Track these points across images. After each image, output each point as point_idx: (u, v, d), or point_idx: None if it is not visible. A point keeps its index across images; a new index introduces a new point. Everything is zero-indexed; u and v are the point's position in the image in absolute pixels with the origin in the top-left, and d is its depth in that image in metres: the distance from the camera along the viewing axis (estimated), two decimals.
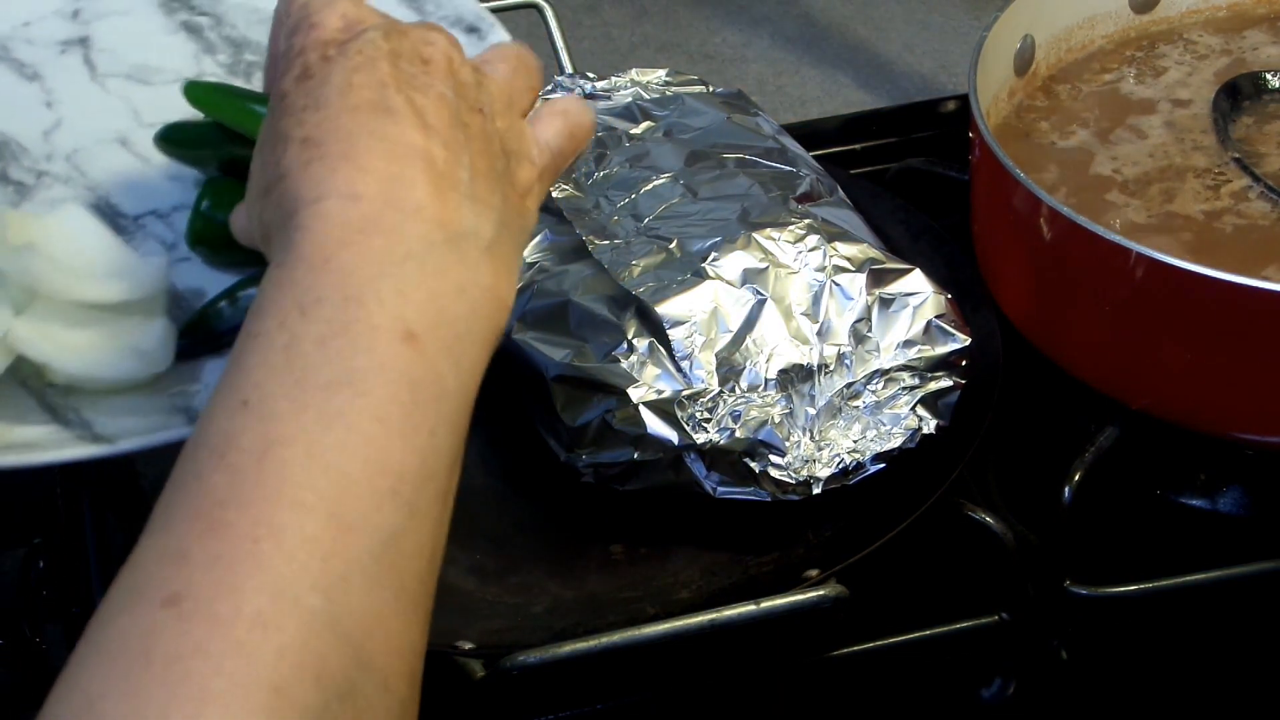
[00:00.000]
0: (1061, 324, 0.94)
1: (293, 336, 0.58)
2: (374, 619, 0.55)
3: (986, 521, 0.90)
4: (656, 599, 0.86)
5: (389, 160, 0.62)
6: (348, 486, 0.56)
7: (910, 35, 1.34)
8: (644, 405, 0.88)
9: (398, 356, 0.58)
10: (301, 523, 0.54)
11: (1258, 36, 1.08)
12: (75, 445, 0.75)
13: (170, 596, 0.53)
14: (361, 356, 0.58)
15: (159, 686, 0.51)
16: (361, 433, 0.57)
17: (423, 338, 0.59)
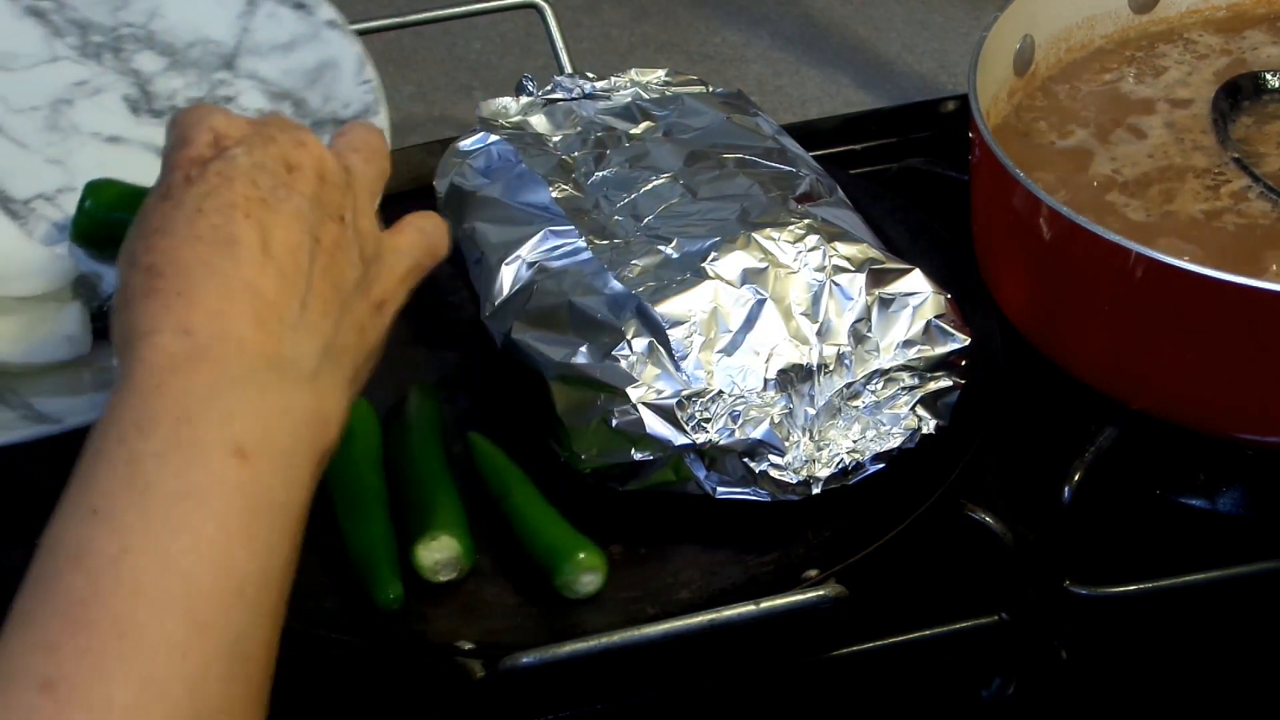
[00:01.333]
0: (1061, 324, 0.94)
1: (133, 453, 0.62)
2: (229, 712, 0.60)
3: (986, 521, 0.90)
4: (656, 599, 0.86)
5: (219, 296, 0.66)
6: (199, 589, 0.60)
7: (910, 35, 1.33)
8: (643, 405, 0.88)
9: (231, 471, 0.63)
10: (160, 621, 0.59)
11: (1258, 36, 1.08)
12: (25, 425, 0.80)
13: (45, 682, 0.57)
14: (198, 471, 0.62)
15: None
16: (207, 540, 0.61)
17: (252, 455, 0.63)
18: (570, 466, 0.90)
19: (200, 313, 0.66)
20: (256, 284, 0.67)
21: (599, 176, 0.99)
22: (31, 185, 0.93)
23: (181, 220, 0.69)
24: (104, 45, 0.98)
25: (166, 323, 0.66)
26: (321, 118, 0.98)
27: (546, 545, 0.87)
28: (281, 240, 0.69)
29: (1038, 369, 0.96)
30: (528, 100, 1.07)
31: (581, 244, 0.94)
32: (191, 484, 0.62)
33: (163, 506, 0.61)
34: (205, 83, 1.00)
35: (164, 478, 0.62)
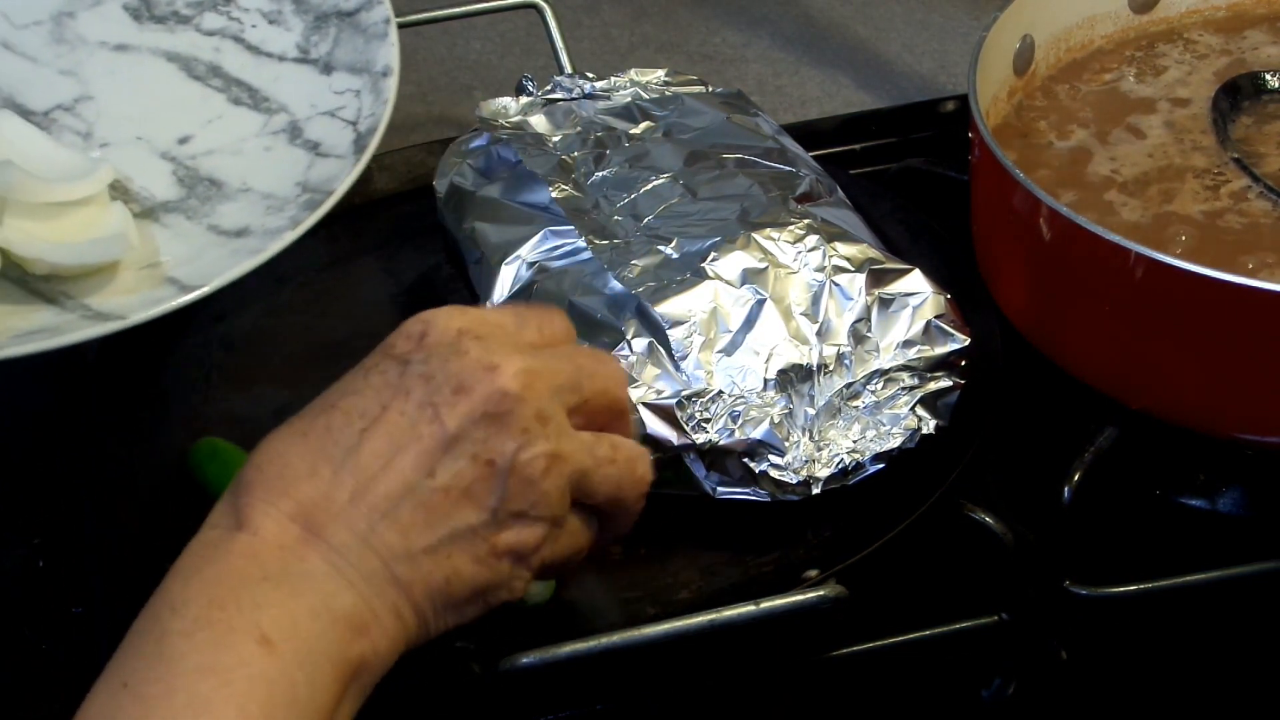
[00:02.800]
0: (1061, 324, 0.94)
1: (164, 630, 0.64)
2: None
3: (986, 521, 0.90)
4: (656, 599, 0.86)
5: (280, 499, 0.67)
6: None
7: (910, 35, 1.33)
8: (643, 405, 0.88)
9: (255, 656, 0.63)
10: None
11: (1258, 36, 1.08)
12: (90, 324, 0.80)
13: None
14: (224, 652, 0.63)
15: None
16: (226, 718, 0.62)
17: (278, 645, 0.64)
18: None
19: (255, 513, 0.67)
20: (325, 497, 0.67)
21: (599, 176, 0.99)
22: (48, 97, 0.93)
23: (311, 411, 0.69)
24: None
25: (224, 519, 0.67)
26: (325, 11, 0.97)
27: None
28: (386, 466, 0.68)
29: (1037, 369, 0.96)
30: (528, 100, 1.07)
31: (581, 244, 0.94)
32: (216, 662, 0.63)
33: (187, 682, 0.62)
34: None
35: (189, 654, 0.63)
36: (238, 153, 0.99)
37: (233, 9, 1.01)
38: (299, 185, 0.92)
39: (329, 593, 0.66)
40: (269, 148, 0.96)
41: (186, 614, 0.64)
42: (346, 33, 0.98)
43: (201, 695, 0.62)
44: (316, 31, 0.99)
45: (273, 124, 0.98)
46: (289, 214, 0.89)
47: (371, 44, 0.96)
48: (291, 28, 1.00)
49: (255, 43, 1.00)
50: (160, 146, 0.97)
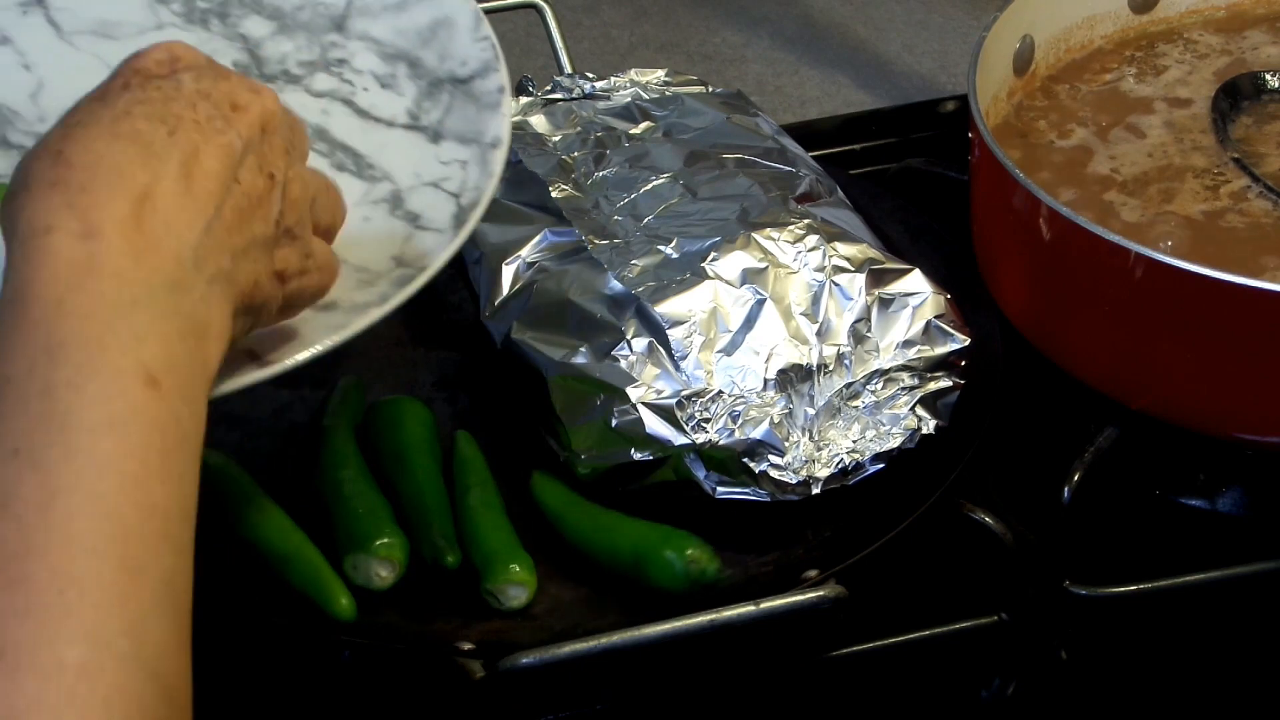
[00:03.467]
0: (1061, 324, 0.94)
1: (47, 383, 0.59)
2: (169, 654, 0.58)
3: (986, 522, 0.90)
4: (656, 599, 0.86)
5: (125, 201, 0.63)
6: (129, 532, 0.58)
7: (910, 35, 1.33)
8: (643, 405, 0.88)
9: (145, 402, 0.60)
10: (98, 570, 0.57)
11: (1258, 36, 1.08)
12: None
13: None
14: (116, 401, 0.59)
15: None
16: (131, 478, 0.59)
17: (162, 383, 0.61)
18: (570, 467, 0.90)
19: (103, 216, 0.63)
20: (164, 198, 0.64)
21: (599, 176, 0.99)
22: None
23: (107, 118, 0.66)
24: (210, 11, 0.96)
25: (67, 221, 0.62)
26: (439, 77, 0.94)
27: (484, 550, 0.87)
28: (203, 165, 0.66)
29: (1037, 369, 0.96)
30: (527, 100, 1.07)
31: (582, 244, 0.94)
32: (111, 415, 0.59)
33: (86, 442, 0.58)
34: (316, 45, 0.97)
35: (81, 408, 0.59)
36: None
37: (345, 70, 0.97)
38: (393, 259, 0.89)
39: (187, 308, 0.64)
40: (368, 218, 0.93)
41: (68, 360, 0.59)
42: (459, 100, 0.95)
43: (103, 454, 0.58)
44: (429, 98, 0.96)
45: (375, 193, 0.94)
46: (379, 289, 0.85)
47: (484, 113, 0.93)
48: (404, 93, 0.97)
49: (365, 106, 0.96)
50: None
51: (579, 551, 0.88)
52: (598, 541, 0.88)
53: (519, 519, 0.90)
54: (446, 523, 0.88)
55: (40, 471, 0.58)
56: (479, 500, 0.89)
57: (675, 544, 0.85)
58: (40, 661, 0.55)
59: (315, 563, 0.85)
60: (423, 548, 0.87)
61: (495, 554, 0.86)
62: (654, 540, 0.86)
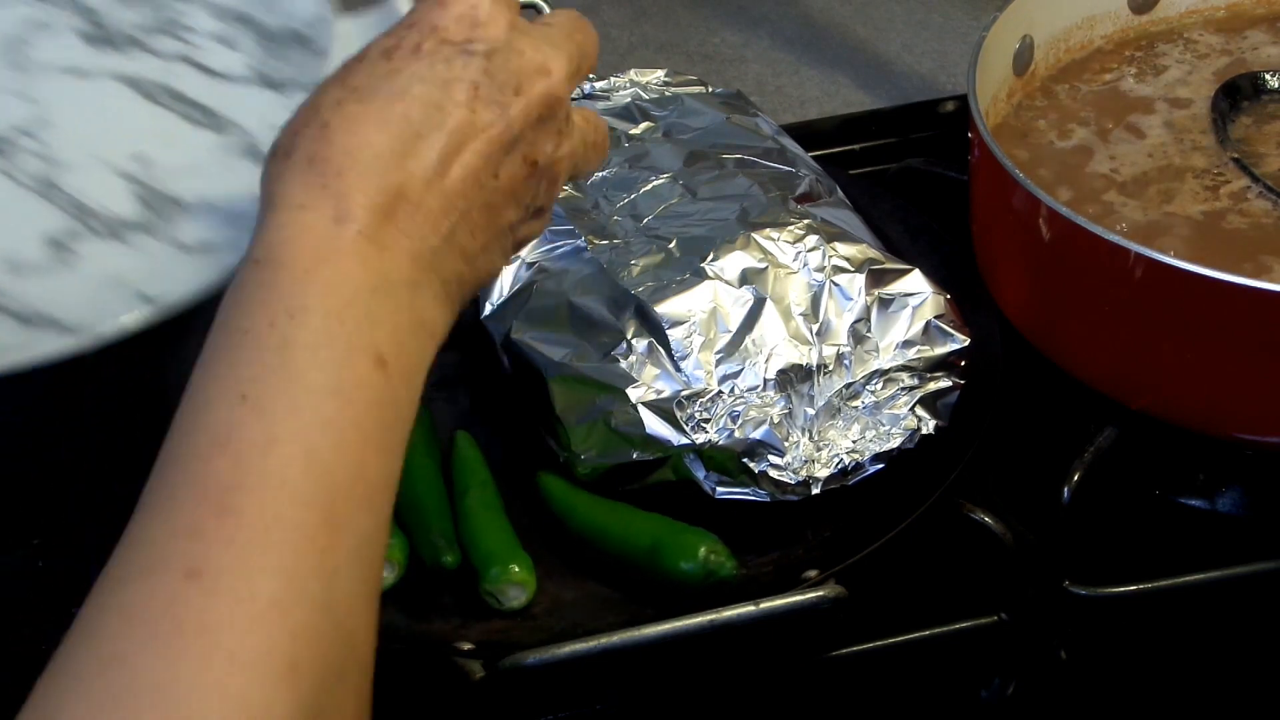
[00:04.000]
0: (1061, 324, 0.94)
1: (285, 339, 0.61)
2: (356, 610, 0.60)
3: (986, 522, 0.90)
4: (656, 599, 0.86)
5: (380, 193, 0.65)
6: (336, 490, 0.60)
7: (909, 36, 1.33)
8: (643, 405, 0.88)
9: (372, 378, 0.63)
10: (303, 517, 0.59)
11: (1258, 36, 1.08)
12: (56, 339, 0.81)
13: (191, 570, 0.57)
14: (345, 372, 0.62)
15: (192, 652, 0.55)
16: (347, 442, 0.61)
17: (390, 365, 0.63)
18: (570, 467, 0.90)
19: (357, 203, 0.64)
20: (417, 194, 0.66)
21: (598, 176, 0.99)
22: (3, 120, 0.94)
23: (383, 93, 0.67)
24: None
25: (322, 202, 0.64)
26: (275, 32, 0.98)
27: (483, 551, 0.87)
28: (464, 160, 0.67)
29: (1037, 369, 0.96)
30: None
31: (581, 244, 0.94)
32: (340, 382, 0.61)
33: (313, 401, 0.61)
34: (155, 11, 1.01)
35: (312, 370, 0.61)
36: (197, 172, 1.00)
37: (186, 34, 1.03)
38: None
39: (419, 305, 0.66)
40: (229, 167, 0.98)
41: (307, 324, 0.62)
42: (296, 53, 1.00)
43: (326, 415, 0.61)
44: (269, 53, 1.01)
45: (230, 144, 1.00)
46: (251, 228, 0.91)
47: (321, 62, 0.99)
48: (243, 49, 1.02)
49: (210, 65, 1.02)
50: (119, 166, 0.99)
51: (584, 544, 0.88)
52: (611, 531, 0.88)
53: (519, 519, 0.90)
54: (445, 523, 0.88)
55: (265, 419, 0.60)
56: (478, 501, 0.89)
57: (695, 538, 0.85)
58: (237, 587, 0.57)
59: None
60: (421, 549, 0.87)
61: (494, 554, 0.86)
62: (674, 531, 0.86)
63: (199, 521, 0.58)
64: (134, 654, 0.56)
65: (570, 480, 0.90)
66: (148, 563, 0.58)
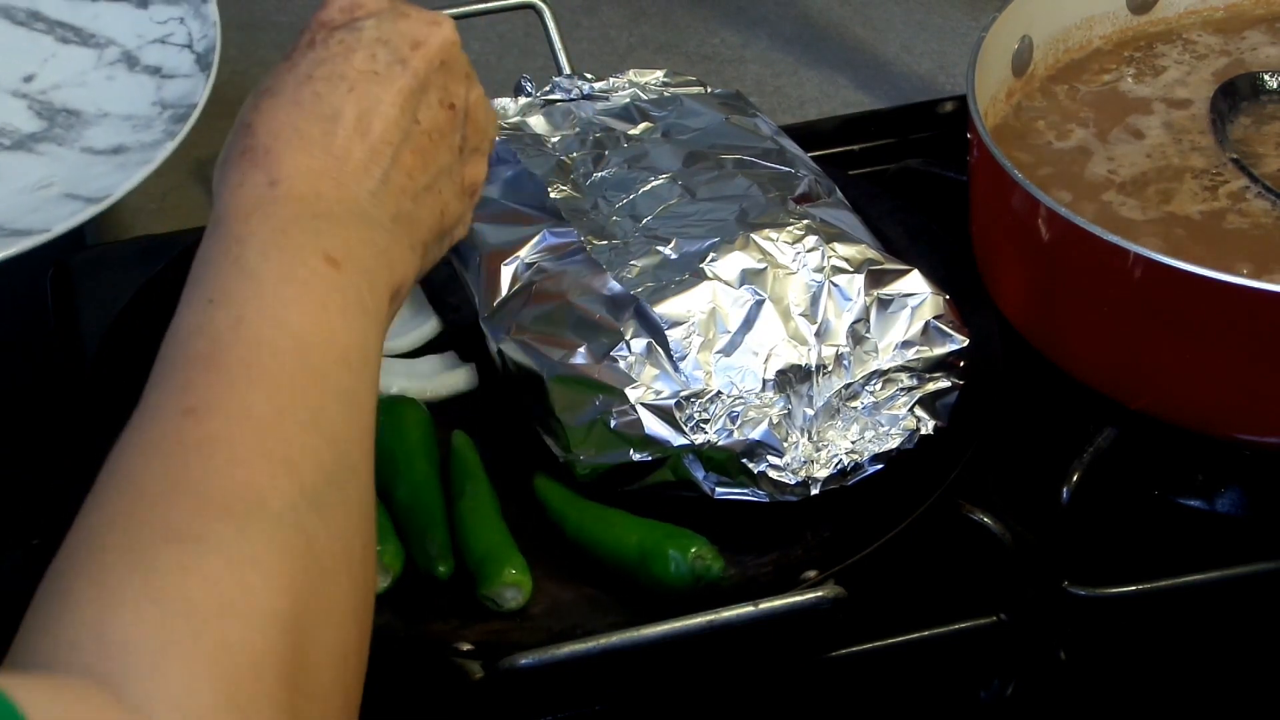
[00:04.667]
0: (1060, 324, 0.94)
1: (239, 255, 0.69)
2: (350, 438, 0.66)
3: (985, 522, 0.90)
4: (654, 600, 0.86)
5: (306, 157, 0.72)
6: (310, 346, 0.66)
7: (908, 36, 1.33)
8: (642, 405, 0.88)
9: (326, 270, 0.69)
10: (281, 365, 0.65)
11: (1257, 37, 1.08)
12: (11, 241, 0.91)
13: (186, 409, 0.63)
14: (299, 267, 0.68)
15: (195, 457, 0.62)
16: (312, 314, 0.67)
17: (342, 264, 0.69)
18: (569, 467, 0.90)
19: (286, 168, 0.71)
20: (343, 154, 0.73)
21: (598, 177, 0.99)
22: None
23: (290, 84, 0.74)
24: None
25: (256, 175, 0.71)
26: None
27: (477, 555, 0.87)
28: (380, 115, 0.74)
29: (1036, 369, 0.96)
30: (526, 101, 1.07)
31: (580, 244, 0.94)
32: (294, 274, 0.68)
33: (272, 288, 0.67)
34: None
35: (267, 269, 0.68)
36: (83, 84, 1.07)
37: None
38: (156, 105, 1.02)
39: (373, 234, 0.72)
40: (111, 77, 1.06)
41: (254, 243, 0.69)
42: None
43: (288, 296, 0.67)
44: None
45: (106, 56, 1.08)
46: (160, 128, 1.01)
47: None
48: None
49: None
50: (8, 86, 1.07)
51: (580, 550, 0.88)
52: (602, 537, 0.88)
53: (518, 520, 0.90)
54: (440, 531, 0.88)
55: (231, 307, 0.67)
56: (474, 502, 0.89)
57: (682, 541, 0.85)
58: (229, 412, 0.63)
59: None
60: (417, 555, 0.87)
61: (489, 557, 0.86)
62: (660, 536, 0.86)
63: (188, 379, 0.65)
64: (146, 470, 0.62)
65: (564, 486, 0.90)
66: (148, 415, 0.64)
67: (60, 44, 1.07)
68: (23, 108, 1.06)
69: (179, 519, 0.60)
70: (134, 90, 1.03)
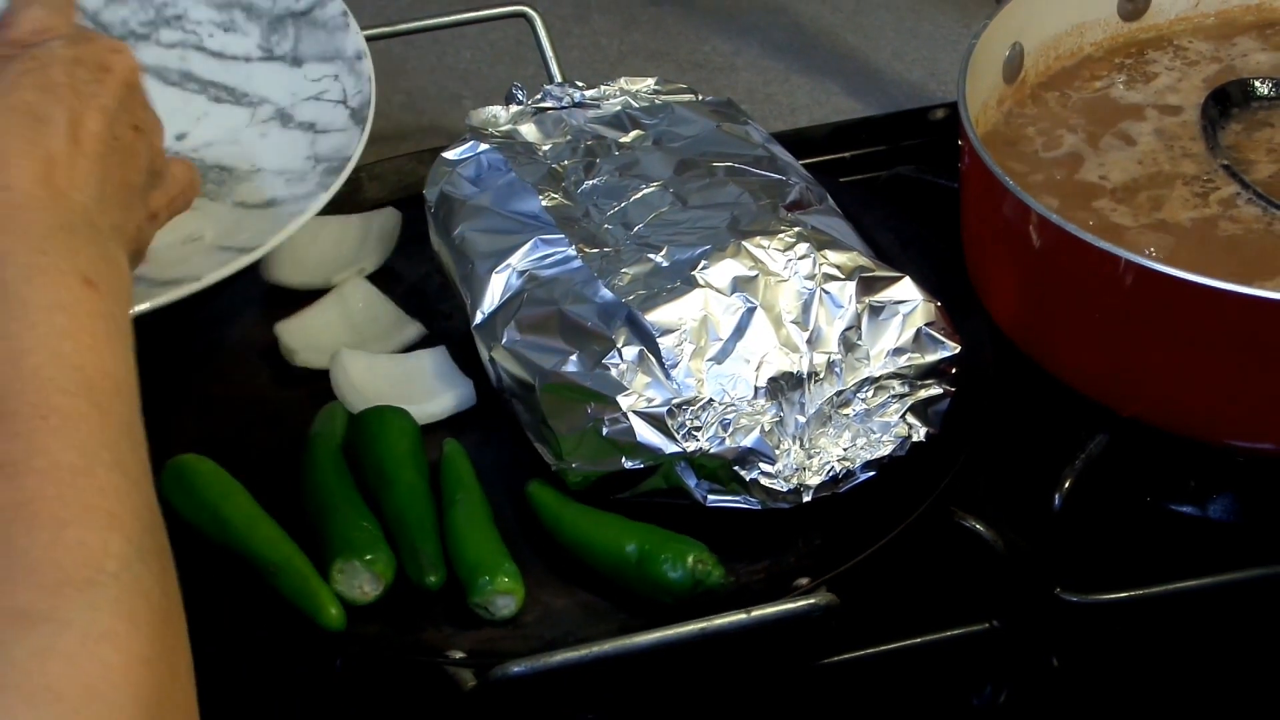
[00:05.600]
0: (1051, 331, 0.94)
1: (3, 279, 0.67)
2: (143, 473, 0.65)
3: (977, 529, 0.90)
4: (647, 608, 0.86)
5: (29, 160, 0.72)
6: (91, 381, 0.66)
7: (899, 43, 1.33)
8: (634, 413, 0.88)
9: (87, 295, 0.68)
10: (73, 404, 0.64)
11: (1247, 43, 1.08)
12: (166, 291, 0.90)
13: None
14: (62, 291, 0.68)
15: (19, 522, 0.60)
16: (85, 345, 0.67)
17: (98, 285, 0.69)
18: (561, 475, 0.90)
19: (16, 174, 0.71)
20: (61, 159, 0.73)
21: (589, 185, 0.99)
22: None
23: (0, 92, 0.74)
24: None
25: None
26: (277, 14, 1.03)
27: (469, 564, 0.87)
28: (87, 127, 0.75)
29: (1028, 376, 0.96)
30: (517, 109, 1.07)
31: (572, 252, 0.94)
32: (60, 300, 0.67)
33: (43, 316, 0.66)
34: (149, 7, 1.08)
35: (34, 294, 0.67)
36: (235, 142, 1.06)
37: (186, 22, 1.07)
38: (310, 159, 1.01)
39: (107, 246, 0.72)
40: (264, 134, 1.05)
41: (15, 262, 0.67)
42: (305, 30, 1.05)
43: (59, 325, 0.66)
44: (275, 32, 1.08)
45: (260, 114, 1.06)
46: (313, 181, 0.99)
47: (335, 35, 1.05)
48: (248, 33, 1.09)
49: (217, 49, 1.10)
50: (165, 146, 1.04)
51: (575, 555, 0.88)
52: (599, 542, 0.88)
53: (510, 528, 0.90)
54: (429, 540, 0.88)
55: (10, 340, 0.65)
56: (464, 512, 0.89)
57: (681, 547, 0.85)
58: (38, 465, 0.62)
59: (305, 573, 0.85)
60: (408, 566, 0.87)
61: (480, 566, 0.86)
62: (659, 542, 0.86)
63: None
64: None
65: (559, 492, 0.90)
66: None
67: (213, 103, 1.07)
68: None
69: (22, 595, 0.58)
70: (287, 146, 1.03)
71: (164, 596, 0.62)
